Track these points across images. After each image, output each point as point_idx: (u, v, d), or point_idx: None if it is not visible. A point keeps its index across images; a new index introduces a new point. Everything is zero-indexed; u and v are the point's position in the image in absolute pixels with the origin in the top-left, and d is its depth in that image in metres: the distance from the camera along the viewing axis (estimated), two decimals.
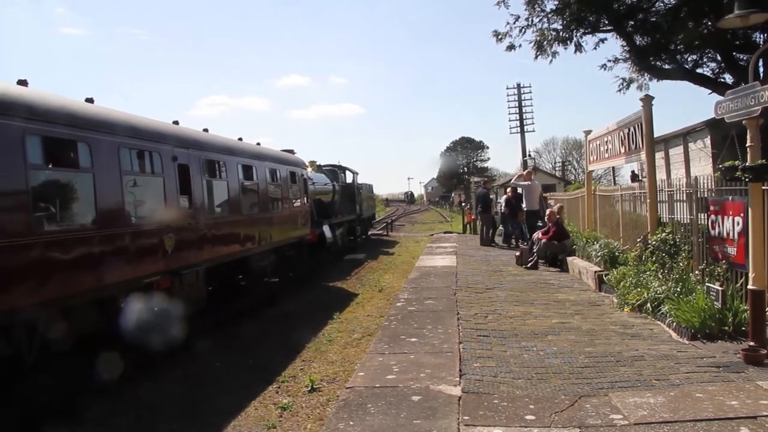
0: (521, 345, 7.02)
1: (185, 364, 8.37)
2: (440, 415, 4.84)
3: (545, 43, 14.49)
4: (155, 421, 6.59)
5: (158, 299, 8.68)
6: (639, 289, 8.67)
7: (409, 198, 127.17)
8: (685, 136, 18.43)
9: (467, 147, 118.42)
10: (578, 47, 14.67)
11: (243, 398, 7.11)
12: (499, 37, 15.18)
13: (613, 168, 22.58)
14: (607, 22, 14.06)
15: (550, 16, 14.32)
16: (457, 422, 4.68)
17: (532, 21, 14.52)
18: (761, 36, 12.87)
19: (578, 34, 14.44)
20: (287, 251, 15.08)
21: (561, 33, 14.36)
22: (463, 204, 38.77)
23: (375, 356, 6.71)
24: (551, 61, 15.37)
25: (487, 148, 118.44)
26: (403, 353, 6.77)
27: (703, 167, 16.39)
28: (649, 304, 8.22)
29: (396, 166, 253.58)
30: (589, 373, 5.87)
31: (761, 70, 10.77)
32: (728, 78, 14.81)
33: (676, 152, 19.25)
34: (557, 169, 76.86)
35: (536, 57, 14.96)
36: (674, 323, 7.32)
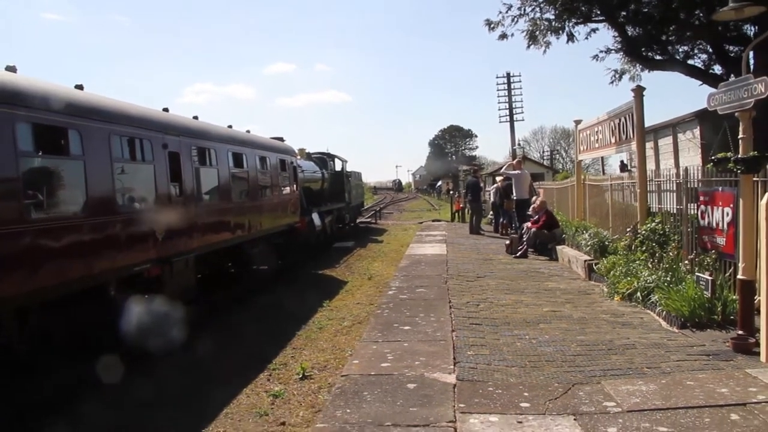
0: (513, 333, 7.07)
1: (175, 352, 8.32)
2: (436, 402, 4.88)
3: (537, 33, 14.48)
4: (148, 409, 6.57)
5: (149, 287, 8.65)
6: (629, 278, 8.74)
7: (397, 186, 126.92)
8: (675, 126, 18.55)
9: (456, 135, 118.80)
10: (570, 37, 14.68)
11: (235, 386, 7.11)
12: (492, 26, 15.15)
13: (602, 157, 22.68)
14: (599, 12, 14.05)
15: (542, 5, 14.30)
16: (453, 410, 4.71)
17: (525, 10, 14.51)
18: (752, 28, 12.93)
19: (570, 24, 14.44)
20: (277, 239, 15.05)
21: (553, 23, 14.35)
22: (452, 192, 38.78)
23: (369, 344, 6.74)
24: (545, 51, 15.41)
25: (476, 136, 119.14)
26: (396, 341, 6.80)
27: (692, 158, 16.51)
28: (639, 293, 8.30)
29: (384, 153, 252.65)
30: (582, 361, 5.93)
31: (752, 62, 10.82)
32: (718, 69, 14.90)
33: (666, 142, 19.38)
34: (545, 158, 77.18)
35: (528, 47, 14.98)
36: (664, 312, 7.40)
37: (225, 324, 10.18)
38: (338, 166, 25.31)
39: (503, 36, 15.09)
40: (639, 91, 10.44)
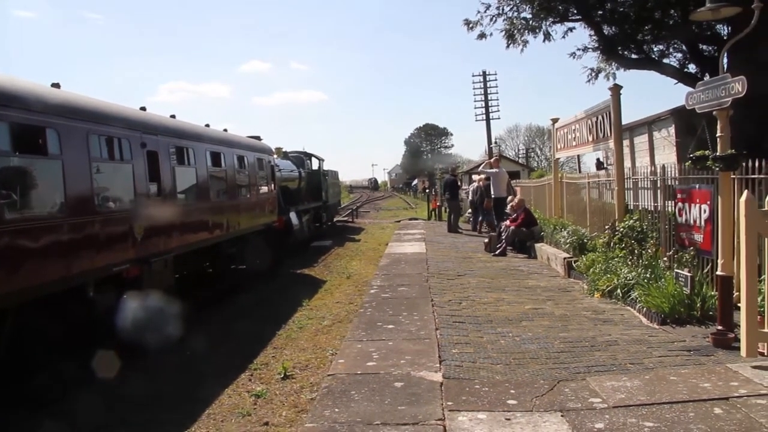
0: (497, 331, 7.10)
1: (155, 352, 8.22)
2: (424, 401, 4.87)
3: (515, 32, 14.58)
4: (130, 410, 6.49)
5: (128, 288, 8.52)
6: (608, 275, 8.82)
7: (373, 184, 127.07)
8: (650, 124, 18.83)
9: (431, 134, 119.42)
10: (547, 36, 14.81)
11: (216, 386, 7.07)
12: (470, 25, 15.18)
13: (578, 155, 22.92)
14: (575, 11, 14.19)
15: (519, 4, 14.39)
16: (441, 408, 4.71)
17: (503, 9, 14.59)
18: (725, 28, 13.18)
19: (547, 23, 14.56)
20: (255, 238, 14.95)
21: (530, 22, 14.46)
22: (428, 190, 38.85)
23: (354, 343, 6.71)
24: (522, 50, 15.52)
25: (451, 134, 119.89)
26: (381, 340, 6.78)
27: (667, 155, 16.77)
28: (619, 290, 8.38)
29: (360, 152, 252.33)
30: (566, 358, 5.97)
31: (725, 62, 11.00)
32: (693, 68, 15.16)
33: (641, 140, 19.66)
34: (521, 156, 77.85)
35: (507, 46, 15.06)
36: (644, 308, 7.50)
37: (203, 324, 10.08)
38: (315, 165, 25.25)
39: (482, 36, 15.16)
40: (616, 90, 10.58)
